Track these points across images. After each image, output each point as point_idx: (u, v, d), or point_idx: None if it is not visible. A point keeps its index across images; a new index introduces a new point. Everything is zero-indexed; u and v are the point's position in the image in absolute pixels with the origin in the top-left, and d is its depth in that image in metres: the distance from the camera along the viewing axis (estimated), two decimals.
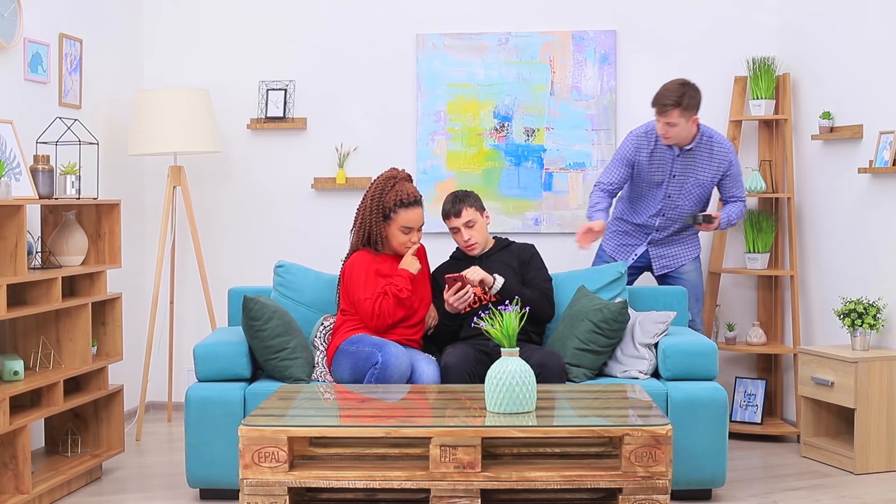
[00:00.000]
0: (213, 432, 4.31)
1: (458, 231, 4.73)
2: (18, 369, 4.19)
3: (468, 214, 4.71)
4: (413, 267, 4.59)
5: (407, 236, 4.63)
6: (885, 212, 4.89)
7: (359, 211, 4.70)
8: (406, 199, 4.60)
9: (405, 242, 4.63)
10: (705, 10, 5.82)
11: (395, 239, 4.64)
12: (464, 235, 4.73)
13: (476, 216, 4.72)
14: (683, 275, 5.26)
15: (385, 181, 4.64)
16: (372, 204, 4.62)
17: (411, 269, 4.58)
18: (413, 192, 4.63)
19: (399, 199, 4.59)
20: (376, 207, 4.61)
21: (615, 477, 3.56)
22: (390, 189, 4.62)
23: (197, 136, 5.45)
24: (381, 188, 4.63)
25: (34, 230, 4.71)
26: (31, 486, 4.10)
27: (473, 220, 4.72)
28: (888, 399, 4.73)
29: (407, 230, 4.62)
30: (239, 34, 6.00)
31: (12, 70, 4.67)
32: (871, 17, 4.97)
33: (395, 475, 3.57)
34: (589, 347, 4.50)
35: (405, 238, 4.63)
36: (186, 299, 6.06)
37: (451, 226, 4.76)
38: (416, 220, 4.62)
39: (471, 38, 5.85)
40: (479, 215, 4.74)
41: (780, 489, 4.50)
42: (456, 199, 4.73)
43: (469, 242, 4.73)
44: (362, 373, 4.36)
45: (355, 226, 4.71)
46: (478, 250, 4.77)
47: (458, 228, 4.73)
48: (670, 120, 4.88)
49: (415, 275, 4.59)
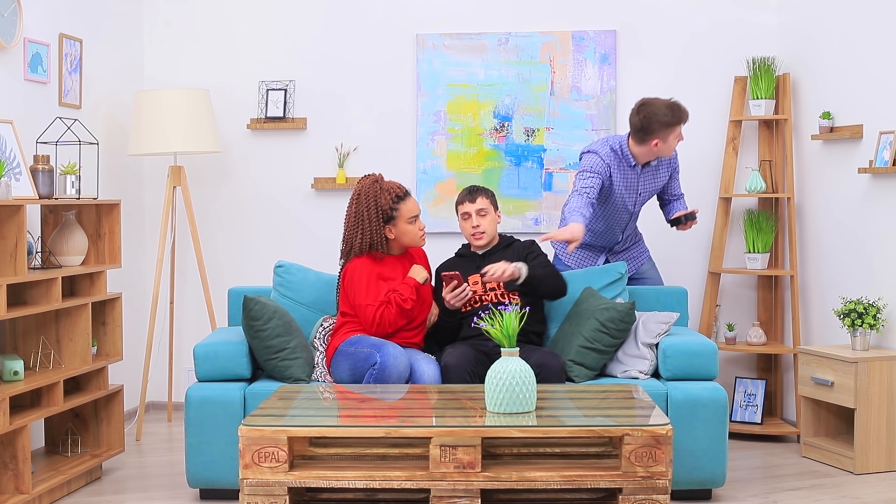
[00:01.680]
0: (213, 432, 4.31)
1: (469, 217, 4.74)
2: (18, 369, 4.19)
3: (482, 203, 4.74)
4: (420, 276, 4.58)
5: (415, 226, 4.64)
6: (885, 212, 4.89)
7: (352, 226, 4.60)
8: (399, 192, 4.62)
9: (417, 233, 4.64)
10: (705, 10, 5.82)
11: (406, 235, 4.63)
12: (473, 221, 4.74)
13: (489, 208, 4.76)
14: (644, 274, 5.29)
15: (370, 187, 4.60)
16: (369, 214, 4.57)
17: (418, 278, 4.57)
18: (399, 185, 4.66)
19: (394, 196, 4.60)
20: (375, 215, 4.58)
21: (615, 477, 3.56)
22: (380, 192, 4.61)
23: (197, 136, 5.45)
24: (374, 195, 4.58)
25: (34, 230, 4.71)
26: (31, 486, 4.10)
27: (486, 210, 4.75)
28: (888, 399, 4.73)
29: (413, 220, 4.63)
30: (239, 34, 6.00)
31: (12, 70, 4.67)
32: (872, 18, 4.97)
33: (395, 475, 3.57)
34: (593, 346, 4.50)
35: (416, 228, 4.64)
36: (186, 299, 6.06)
37: (463, 210, 4.77)
38: (415, 207, 4.65)
39: (471, 38, 5.85)
40: (493, 209, 4.77)
41: (780, 489, 4.50)
42: (473, 189, 4.79)
43: (477, 230, 4.74)
44: (361, 373, 4.36)
45: (352, 240, 4.60)
46: (484, 240, 4.77)
47: (470, 214, 4.74)
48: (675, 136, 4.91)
49: (421, 284, 4.58)
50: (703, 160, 5.83)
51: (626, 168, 4.96)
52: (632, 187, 5.01)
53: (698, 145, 5.82)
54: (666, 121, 4.82)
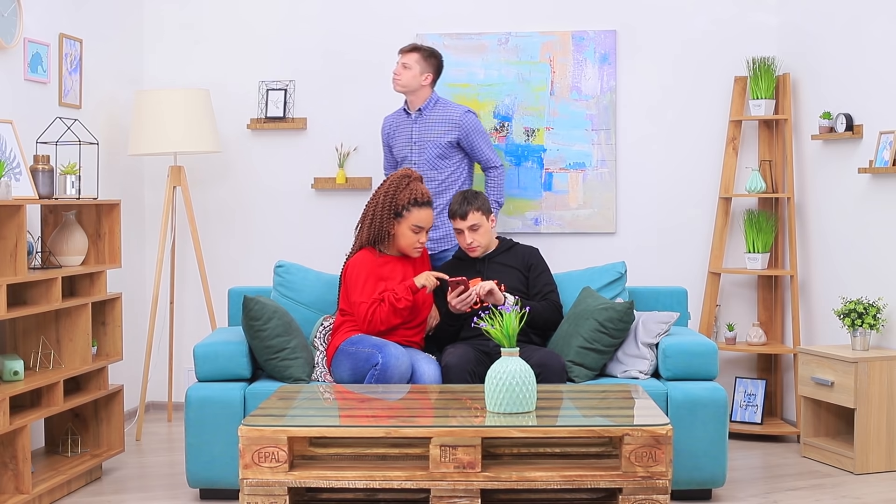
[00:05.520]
0: (213, 432, 4.31)
1: (462, 233, 4.75)
2: (18, 369, 4.19)
3: (474, 218, 4.72)
4: (420, 281, 4.54)
5: (416, 236, 4.64)
6: (885, 212, 4.89)
7: (368, 206, 4.71)
8: (420, 198, 4.62)
9: (413, 243, 4.64)
10: (705, 10, 5.82)
11: (403, 238, 4.64)
12: (466, 238, 4.74)
13: (481, 220, 4.74)
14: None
15: (400, 179, 4.67)
16: (385, 200, 4.63)
17: (418, 283, 4.54)
18: (426, 193, 4.66)
19: (413, 198, 4.61)
20: (388, 204, 4.62)
21: (615, 477, 3.56)
22: (405, 187, 4.64)
23: (197, 136, 5.45)
24: (396, 186, 4.65)
25: (34, 230, 4.71)
26: (31, 486, 4.10)
27: (478, 225, 4.73)
28: (888, 399, 4.73)
29: (417, 229, 4.63)
30: (239, 34, 6.00)
31: (12, 70, 4.67)
32: (871, 17, 4.97)
33: (395, 475, 3.57)
34: (593, 346, 4.50)
35: (414, 238, 4.64)
36: (186, 299, 6.06)
37: (455, 227, 4.77)
38: (426, 220, 4.64)
39: (471, 38, 5.85)
40: (485, 219, 4.76)
41: (780, 489, 4.50)
42: (464, 201, 4.74)
43: (471, 245, 4.75)
44: (362, 373, 4.36)
45: (364, 221, 4.71)
46: (479, 252, 4.78)
47: (462, 230, 4.74)
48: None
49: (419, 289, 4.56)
50: (703, 160, 5.83)
51: (403, 117, 5.32)
52: (406, 135, 5.27)
53: (698, 145, 5.82)
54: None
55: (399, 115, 5.34)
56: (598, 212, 5.82)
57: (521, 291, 4.72)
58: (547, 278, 4.79)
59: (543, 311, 4.65)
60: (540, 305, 4.66)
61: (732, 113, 5.72)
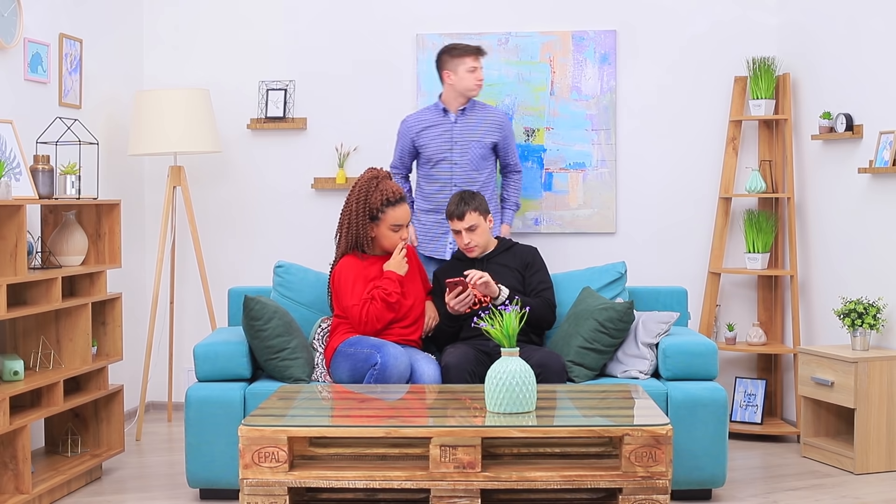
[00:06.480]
0: (213, 432, 4.32)
1: (460, 234, 4.74)
2: (18, 369, 4.19)
3: (471, 219, 4.71)
4: (401, 269, 4.58)
5: (397, 234, 4.63)
6: (885, 212, 4.89)
7: (343, 215, 4.68)
8: (392, 197, 4.60)
9: (397, 241, 4.64)
10: (705, 9, 5.82)
11: (386, 239, 4.64)
12: (464, 239, 4.73)
13: (479, 220, 4.73)
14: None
15: (368, 182, 4.63)
16: (357, 206, 4.61)
17: (399, 271, 4.57)
18: (398, 190, 4.64)
19: (385, 199, 4.59)
20: (362, 209, 4.60)
21: (615, 477, 3.56)
22: (374, 189, 4.61)
23: (197, 136, 5.45)
24: (366, 189, 4.62)
25: (34, 230, 4.71)
26: (31, 486, 4.10)
27: (476, 225, 4.72)
28: (888, 399, 4.73)
29: (397, 227, 4.62)
30: (239, 34, 6.00)
31: (12, 70, 4.67)
32: (871, 17, 4.97)
33: (395, 475, 3.57)
34: (593, 346, 4.50)
35: (396, 236, 4.63)
36: (186, 299, 6.06)
37: (452, 228, 4.77)
38: (403, 216, 4.63)
39: (471, 38, 5.85)
40: (483, 219, 4.74)
41: (780, 489, 4.50)
42: (461, 202, 4.72)
43: (469, 246, 4.74)
44: (361, 374, 4.36)
45: (342, 230, 4.68)
46: (477, 253, 4.77)
47: (460, 231, 4.73)
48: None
49: (403, 276, 4.57)
50: (703, 160, 5.83)
51: (440, 117, 5.25)
52: (446, 136, 5.21)
53: (698, 145, 5.82)
54: (454, 53, 5.17)
55: (432, 114, 5.28)
56: (597, 212, 5.83)
57: (519, 292, 4.72)
58: (542, 276, 4.78)
59: (536, 308, 4.63)
60: (533, 302, 4.64)
61: (732, 113, 5.72)
